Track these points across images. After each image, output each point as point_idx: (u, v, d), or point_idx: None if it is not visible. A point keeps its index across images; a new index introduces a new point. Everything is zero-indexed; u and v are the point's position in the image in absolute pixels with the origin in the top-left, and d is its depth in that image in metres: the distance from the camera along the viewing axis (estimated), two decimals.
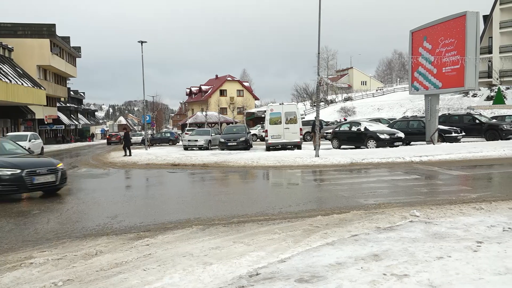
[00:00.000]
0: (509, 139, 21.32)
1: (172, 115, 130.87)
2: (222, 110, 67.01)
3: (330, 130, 27.67)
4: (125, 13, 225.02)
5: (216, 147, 26.81)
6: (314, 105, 31.24)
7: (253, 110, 67.32)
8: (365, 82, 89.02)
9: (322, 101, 62.57)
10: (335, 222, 6.45)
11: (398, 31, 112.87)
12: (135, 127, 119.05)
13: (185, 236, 6.02)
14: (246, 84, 78.75)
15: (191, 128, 46.73)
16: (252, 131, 37.55)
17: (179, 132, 58.73)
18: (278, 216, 7.22)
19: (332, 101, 66.86)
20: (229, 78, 74.83)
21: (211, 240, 5.71)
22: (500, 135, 21.39)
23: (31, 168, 9.80)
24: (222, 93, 73.26)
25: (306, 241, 5.41)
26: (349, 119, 43.68)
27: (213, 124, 57.89)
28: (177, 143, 42.14)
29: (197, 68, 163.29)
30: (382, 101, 57.68)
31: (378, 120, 29.50)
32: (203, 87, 76.51)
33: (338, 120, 42.14)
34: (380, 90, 73.54)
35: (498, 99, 41.61)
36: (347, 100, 64.71)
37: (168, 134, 46.58)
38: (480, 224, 5.70)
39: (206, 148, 26.93)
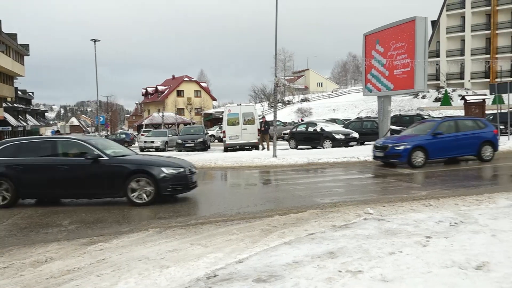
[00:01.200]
0: None
1: (128, 116, 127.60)
2: (179, 111, 66.11)
3: (288, 131, 28.06)
4: (78, 9, 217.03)
5: (173, 148, 26.43)
6: (272, 106, 31.51)
7: (211, 111, 66.86)
8: (321, 83, 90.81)
9: (280, 102, 63.22)
10: (292, 221, 6.53)
11: (352, 34, 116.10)
12: (88, 128, 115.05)
13: (141, 240, 5.89)
14: (203, 84, 78.13)
15: (148, 129, 45.82)
16: (210, 132, 37.32)
17: (135, 133, 57.40)
18: (236, 216, 7.22)
19: (289, 102, 67.64)
20: (186, 79, 73.98)
21: (168, 243, 5.62)
22: None
23: (188, 166, 9.14)
24: (179, 93, 72.31)
25: (264, 241, 5.44)
26: (305, 119, 44.39)
27: (170, 125, 57.02)
28: (133, 145, 41.19)
29: (153, 68, 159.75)
30: (337, 102, 59.05)
31: (334, 121, 30.16)
32: (160, 88, 75.18)
33: (295, 121, 42.70)
34: (336, 91, 75.28)
35: (445, 100, 43.84)
36: (304, 101, 65.71)
37: (124, 136, 45.46)
38: (429, 220, 5.97)
39: (163, 150, 26.48)
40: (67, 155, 8.87)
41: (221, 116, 24.97)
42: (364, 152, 16.75)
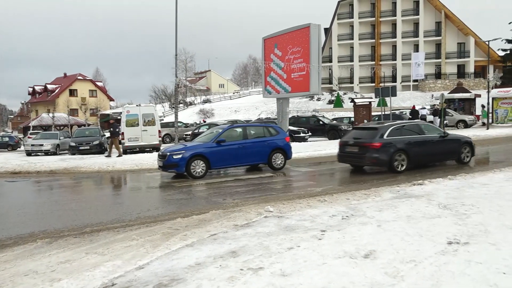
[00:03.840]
0: None
1: (12, 116, 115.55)
2: (73, 112, 61.66)
3: (190, 132, 27.83)
4: None
5: (66, 151, 24.58)
6: (173, 107, 31.03)
7: (108, 111, 63.47)
8: (223, 85, 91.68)
9: (181, 103, 62.40)
10: (195, 223, 6.48)
11: (253, 37, 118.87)
12: None
13: (28, 252, 5.37)
14: (99, 84, 73.97)
15: (36, 131, 42.02)
16: (107, 134, 35.42)
17: (21, 136, 52.20)
18: (136, 221, 6.95)
19: (191, 103, 67.07)
20: (80, 77, 69.35)
21: (60, 254, 5.21)
22: (339, 135, 24.21)
23: None
24: (72, 93, 67.53)
25: (165, 245, 5.32)
26: (208, 121, 44.40)
27: (62, 127, 52.96)
28: (18, 148, 37.43)
29: (41, 65, 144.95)
30: (239, 103, 60.05)
31: (235, 122, 30.65)
32: (49, 86, 69.38)
33: (197, 122, 42.51)
34: (237, 93, 76.51)
35: (338, 102, 47.19)
36: (206, 102, 65.66)
37: (7, 139, 41.02)
38: (324, 215, 6.35)
39: (54, 153, 24.47)
40: (424, 133, 12.20)
41: (119, 117, 23.81)
42: None
